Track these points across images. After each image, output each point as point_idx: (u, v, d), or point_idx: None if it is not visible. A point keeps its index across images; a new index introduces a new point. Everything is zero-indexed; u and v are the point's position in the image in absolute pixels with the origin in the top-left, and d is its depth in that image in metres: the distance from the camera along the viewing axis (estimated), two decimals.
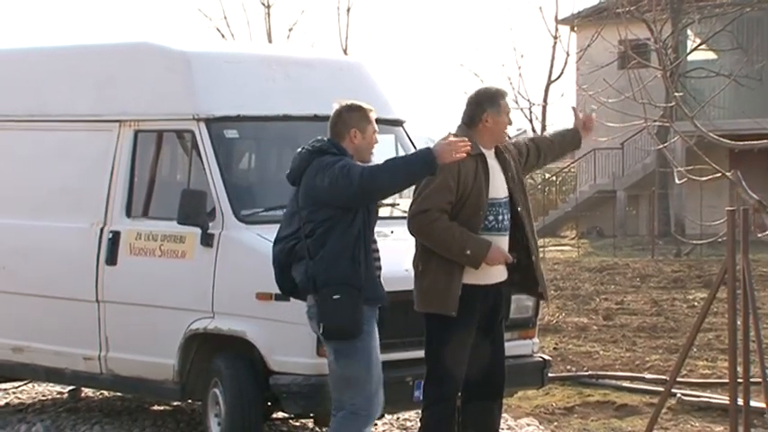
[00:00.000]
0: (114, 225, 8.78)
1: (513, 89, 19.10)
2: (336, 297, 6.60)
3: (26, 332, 9.28)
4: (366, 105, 6.95)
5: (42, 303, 9.13)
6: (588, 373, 11.42)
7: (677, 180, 9.99)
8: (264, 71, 8.89)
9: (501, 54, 59.07)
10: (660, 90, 15.78)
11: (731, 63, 29.03)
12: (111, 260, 8.72)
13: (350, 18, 27.60)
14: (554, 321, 14.81)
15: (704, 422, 9.54)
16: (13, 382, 10.50)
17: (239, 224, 8.16)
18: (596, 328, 14.58)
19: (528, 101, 18.84)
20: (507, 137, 7.62)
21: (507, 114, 7.22)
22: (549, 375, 8.80)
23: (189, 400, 9.07)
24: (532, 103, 18.80)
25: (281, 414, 8.46)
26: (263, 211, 8.31)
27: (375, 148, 6.97)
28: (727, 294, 7.59)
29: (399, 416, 9.43)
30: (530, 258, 7.24)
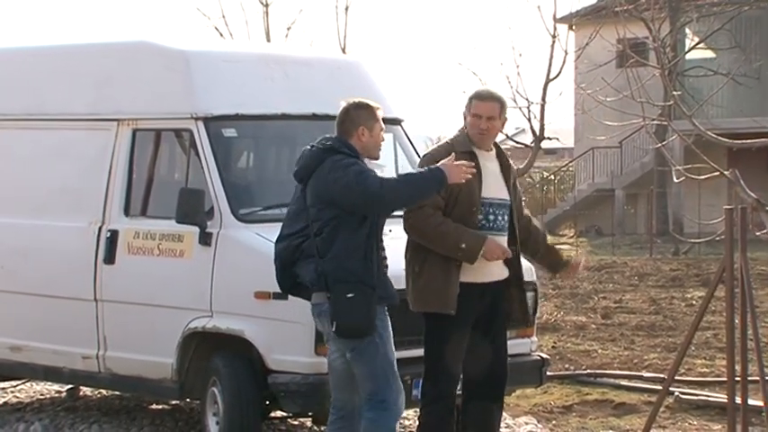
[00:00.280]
0: (112, 224, 8.78)
1: (512, 88, 19.05)
2: (350, 295, 6.62)
3: (24, 331, 9.27)
4: (373, 103, 6.97)
5: (41, 302, 9.13)
6: (587, 371, 11.43)
7: (675, 179, 10.01)
8: (263, 70, 8.89)
9: (499, 53, 59.09)
10: (658, 89, 15.79)
11: (729, 62, 29.02)
12: (110, 259, 8.72)
13: (348, 17, 27.48)
14: (552, 320, 14.81)
15: (702, 420, 9.55)
16: (11, 381, 10.50)
17: (237, 223, 8.16)
18: (595, 326, 14.58)
19: (526, 99, 18.80)
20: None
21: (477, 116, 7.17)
22: (548, 374, 8.80)
23: (187, 399, 9.08)
24: (531, 102, 18.77)
25: (279, 413, 8.46)
26: (261, 210, 8.31)
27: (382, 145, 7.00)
28: (725, 293, 7.60)
29: None
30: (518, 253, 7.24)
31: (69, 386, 10.38)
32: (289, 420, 9.12)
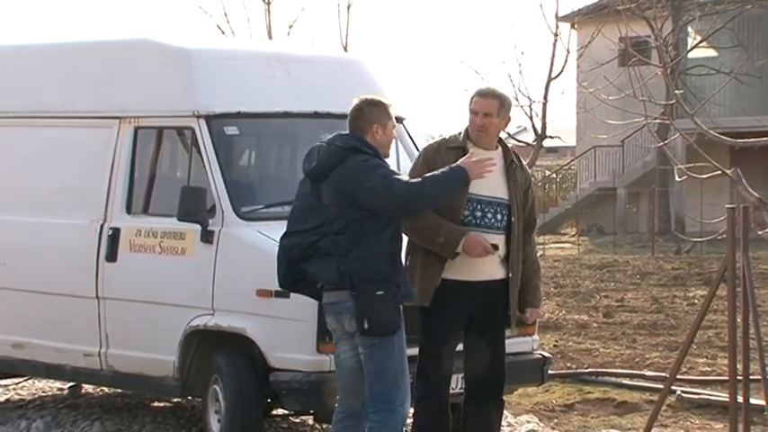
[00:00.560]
0: (114, 222, 8.78)
1: (514, 86, 19.10)
2: (380, 293, 6.58)
3: (26, 329, 9.27)
4: (386, 100, 6.91)
5: (43, 300, 9.14)
6: (588, 370, 11.42)
7: (677, 177, 10.01)
8: (265, 68, 8.89)
9: (501, 51, 59.13)
10: (660, 87, 15.81)
11: (732, 60, 29.01)
12: (112, 257, 8.72)
13: (350, 15, 27.49)
14: (554, 318, 14.81)
15: (704, 419, 9.54)
16: (13, 379, 10.50)
17: (239, 221, 8.16)
18: (596, 325, 14.58)
19: (528, 98, 18.84)
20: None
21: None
22: (549, 372, 8.79)
23: (189, 397, 9.08)
24: (533, 101, 18.81)
25: (281, 411, 8.46)
26: (263, 207, 8.31)
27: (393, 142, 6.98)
28: (727, 292, 7.59)
29: None
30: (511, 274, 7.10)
31: (71, 383, 10.39)
32: (290, 418, 9.13)
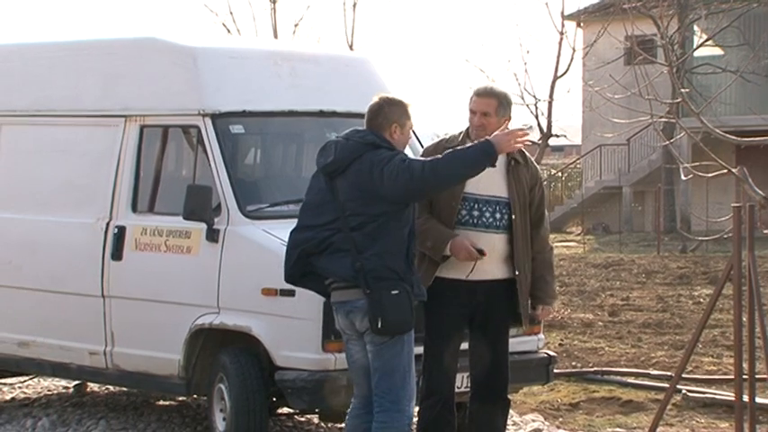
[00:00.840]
0: (120, 220, 8.79)
1: (519, 85, 19.11)
2: (395, 292, 6.56)
3: (32, 327, 9.28)
4: (406, 100, 6.88)
5: (48, 298, 9.14)
6: (593, 369, 11.42)
7: (683, 176, 9.98)
8: (270, 67, 8.89)
9: (507, 50, 59.15)
10: (666, 86, 15.79)
11: (738, 59, 29.00)
12: (117, 255, 8.72)
13: (356, 13, 27.61)
14: (559, 317, 14.81)
15: (709, 418, 9.54)
16: (18, 377, 10.51)
17: (245, 220, 8.16)
18: (602, 324, 14.58)
19: (534, 97, 18.83)
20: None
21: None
22: (555, 371, 8.78)
23: (194, 396, 9.08)
24: (538, 99, 18.79)
25: (286, 409, 8.46)
26: (268, 206, 8.31)
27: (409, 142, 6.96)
28: (732, 291, 7.59)
29: None
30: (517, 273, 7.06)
31: (76, 382, 10.40)
32: (295, 417, 9.13)
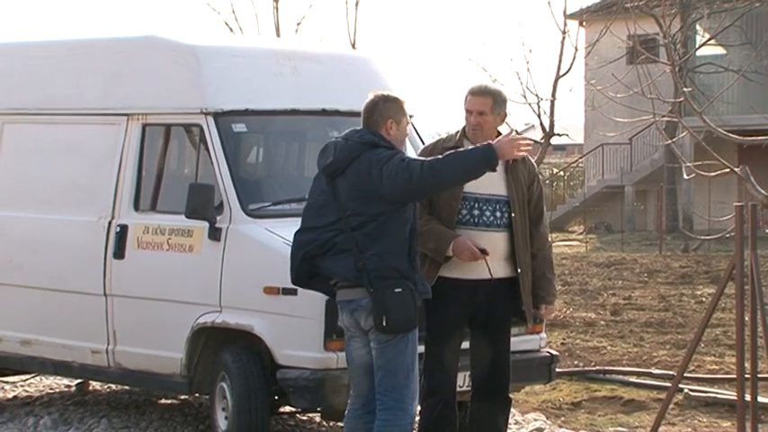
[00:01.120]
0: (122, 219, 8.79)
1: (522, 84, 19.05)
2: (398, 291, 6.57)
3: (34, 325, 9.28)
4: (401, 96, 6.90)
5: (50, 297, 9.14)
6: (596, 368, 11.42)
7: (685, 175, 10.00)
8: (273, 65, 8.89)
9: (509, 49, 59.20)
10: (669, 85, 15.79)
11: (740, 58, 28.98)
12: (119, 254, 8.72)
13: (358, 12, 27.55)
14: (561, 316, 14.80)
15: (711, 418, 9.54)
16: (21, 375, 10.51)
17: (247, 218, 8.16)
18: (604, 323, 14.57)
19: (536, 96, 18.78)
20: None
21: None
22: (557, 370, 8.79)
23: (196, 394, 9.08)
24: (540, 98, 18.75)
25: (288, 408, 8.46)
26: (270, 205, 8.31)
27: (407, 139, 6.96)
28: (735, 290, 7.59)
29: None
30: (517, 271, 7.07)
31: (79, 380, 10.40)
32: (297, 416, 9.13)
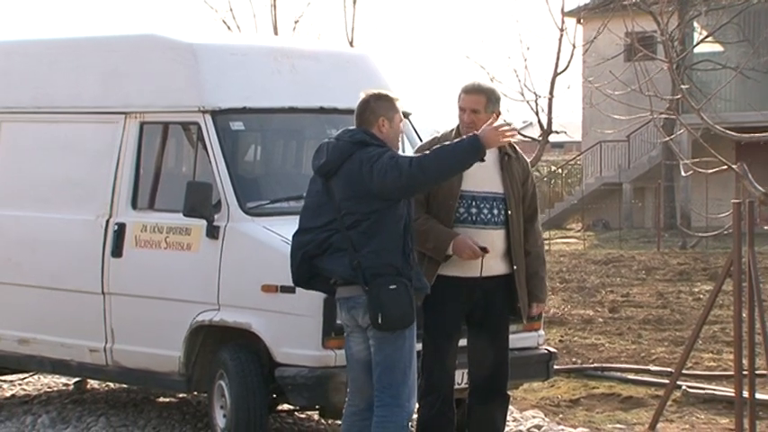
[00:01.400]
0: (120, 217, 8.79)
1: (519, 81, 19.02)
2: (393, 287, 6.57)
3: (32, 324, 9.28)
4: (393, 94, 6.92)
5: (48, 295, 9.14)
6: (594, 365, 11.43)
7: (683, 172, 10.01)
8: (270, 63, 8.89)
9: (507, 46, 59.14)
10: (666, 82, 15.76)
11: (738, 55, 28.98)
12: (117, 252, 8.72)
13: (356, 10, 27.47)
14: (559, 314, 14.82)
15: (709, 414, 9.54)
16: (18, 374, 10.51)
17: (245, 216, 8.16)
18: (602, 320, 14.58)
19: (534, 93, 18.76)
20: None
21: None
22: (555, 368, 8.78)
23: (194, 392, 9.09)
24: (538, 96, 18.73)
25: (286, 406, 8.47)
26: (268, 203, 8.31)
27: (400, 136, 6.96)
28: (732, 287, 7.60)
29: None
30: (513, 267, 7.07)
31: (77, 379, 10.40)
32: (296, 414, 9.14)
